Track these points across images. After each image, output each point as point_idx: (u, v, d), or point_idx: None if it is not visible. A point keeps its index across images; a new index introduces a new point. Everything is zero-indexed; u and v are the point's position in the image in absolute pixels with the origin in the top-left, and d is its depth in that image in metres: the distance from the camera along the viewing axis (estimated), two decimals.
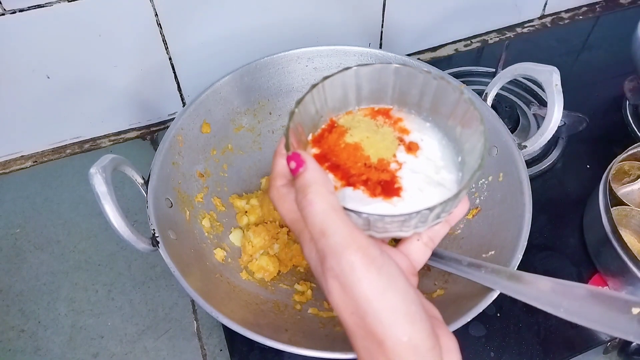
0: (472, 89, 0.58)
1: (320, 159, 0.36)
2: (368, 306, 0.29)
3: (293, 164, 0.32)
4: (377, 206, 0.33)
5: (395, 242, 0.38)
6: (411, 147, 0.37)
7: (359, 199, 0.34)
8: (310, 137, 0.37)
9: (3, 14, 0.56)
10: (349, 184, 0.34)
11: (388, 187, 0.34)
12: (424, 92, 0.37)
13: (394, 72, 0.37)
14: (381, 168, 0.35)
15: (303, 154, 0.32)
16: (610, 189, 0.57)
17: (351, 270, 0.29)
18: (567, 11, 0.93)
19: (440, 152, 0.37)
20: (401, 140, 0.37)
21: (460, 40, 0.88)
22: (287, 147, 0.33)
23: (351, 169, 0.35)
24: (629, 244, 0.54)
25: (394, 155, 0.36)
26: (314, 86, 0.35)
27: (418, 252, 0.36)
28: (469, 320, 0.42)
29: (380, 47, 0.82)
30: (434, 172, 0.36)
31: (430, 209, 0.31)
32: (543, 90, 0.52)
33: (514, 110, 0.69)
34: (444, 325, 0.33)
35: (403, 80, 0.37)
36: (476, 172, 0.32)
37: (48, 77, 0.64)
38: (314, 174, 0.31)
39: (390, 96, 0.39)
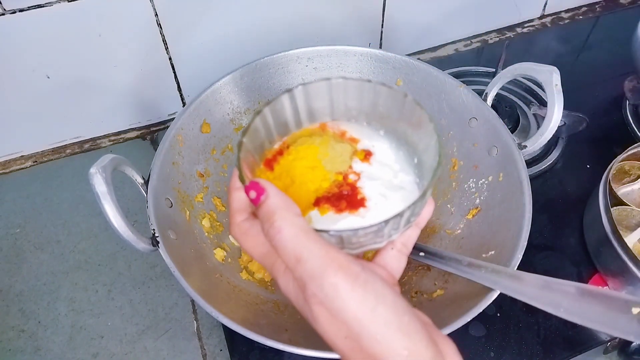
0: (472, 89, 0.58)
1: (277, 183, 0.35)
2: (360, 327, 0.27)
3: (253, 194, 0.30)
4: (346, 222, 0.33)
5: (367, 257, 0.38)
6: (364, 155, 0.36)
7: (325, 220, 0.33)
8: (262, 165, 0.37)
9: (3, 14, 0.56)
10: (312, 206, 0.34)
11: (352, 200, 0.34)
12: (366, 101, 0.37)
13: (333, 87, 0.36)
14: (341, 181, 0.35)
15: (261, 181, 0.30)
16: (610, 189, 0.57)
17: (335, 292, 0.27)
18: (567, 11, 0.93)
19: (393, 155, 0.37)
20: (354, 150, 0.37)
21: (460, 40, 0.88)
22: (242, 179, 0.31)
23: (311, 187, 0.34)
24: (629, 244, 0.54)
25: (350, 167, 0.35)
26: (257, 113, 0.34)
27: (394, 260, 0.35)
28: (469, 320, 0.42)
29: (380, 47, 0.82)
30: (392, 176, 0.35)
31: (401, 214, 0.30)
32: (543, 90, 0.52)
33: (514, 110, 0.69)
34: (437, 330, 0.32)
35: (343, 93, 0.37)
36: (437, 170, 0.32)
37: (48, 77, 0.64)
38: (277, 200, 0.30)
39: (333, 111, 0.38)
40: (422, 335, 0.28)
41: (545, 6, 0.90)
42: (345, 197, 0.34)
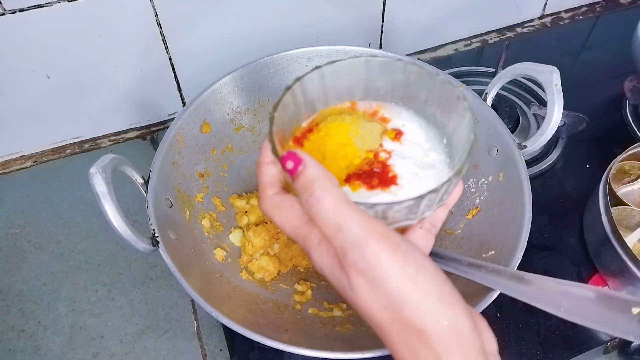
0: (472, 89, 0.58)
1: None
2: (402, 296, 0.27)
3: (290, 164, 0.30)
4: (378, 198, 0.33)
5: None
6: (395, 134, 0.36)
7: (357, 196, 0.33)
8: (290, 142, 0.37)
9: (3, 14, 0.56)
10: (344, 182, 0.34)
11: (383, 177, 0.34)
12: (397, 81, 0.37)
13: (364, 64, 0.36)
14: (372, 159, 0.35)
15: (299, 152, 0.30)
16: (610, 189, 0.57)
17: (378, 261, 0.27)
18: (567, 11, 0.93)
19: (424, 134, 0.37)
20: (384, 129, 0.37)
21: (460, 40, 0.88)
22: (275, 152, 0.31)
23: (342, 164, 0.35)
24: (629, 244, 0.54)
25: (381, 145, 0.36)
26: (288, 88, 0.35)
27: (422, 239, 0.35)
28: None
29: (380, 47, 0.82)
30: (423, 155, 0.36)
31: (437, 190, 0.30)
32: (543, 90, 0.52)
33: (514, 110, 0.69)
34: (470, 305, 0.31)
35: (373, 72, 0.37)
36: (473, 147, 0.32)
37: (48, 77, 0.64)
38: (316, 170, 0.30)
39: (362, 89, 0.38)
40: (463, 306, 0.28)
41: (545, 6, 0.90)
42: (377, 175, 0.34)
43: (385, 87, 0.38)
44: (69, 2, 0.58)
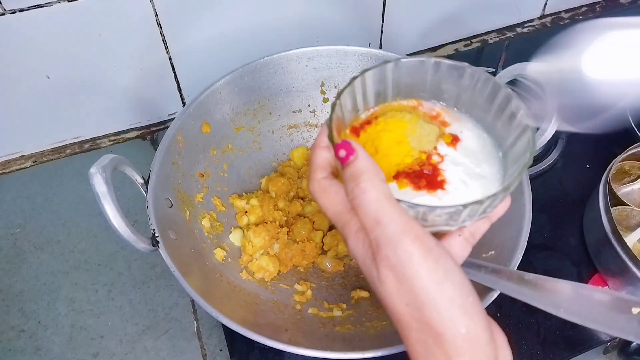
0: None
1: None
2: (426, 297, 0.28)
3: (343, 152, 0.31)
4: (422, 199, 0.33)
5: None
6: (451, 140, 0.36)
7: (402, 194, 0.34)
8: (348, 130, 0.37)
9: (3, 14, 0.56)
10: (392, 179, 0.34)
11: (432, 180, 0.34)
12: (463, 86, 0.37)
13: (432, 66, 0.37)
14: (424, 160, 0.35)
15: (353, 142, 0.31)
16: (610, 189, 0.57)
17: (409, 260, 0.28)
18: (567, 11, 0.93)
19: (480, 144, 0.37)
20: (441, 132, 0.37)
21: (460, 40, 0.88)
22: (331, 138, 0.32)
23: (393, 160, 0.35)
24: (629, 244, 0.54)
25: (435, 148, 0.36)
26: (354, 78, 0.35)
27: (459, 247, 0.35)
28: None
29: (380, 47, 0.82)
30: (475, 165, 0.35)
31: (480, 202, 0.31)
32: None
33: None
34: (493, 321, 0.32)
35: (441, 74, 0.37)
36: (525, 166, 0.32)
37: (48, 77, 0.64)
38: (366, 162, 0.31)
39: (427, 90, 0.38)
40: (482, 318, 0.29)
41: (545, 6, 0.90)
42: (426, 176, 0.34)
43: (450, 91, 0.38)
44: (69, 2, 0.58)
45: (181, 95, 0.74)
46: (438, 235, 0.36)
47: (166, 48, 0.67)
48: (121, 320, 0.58)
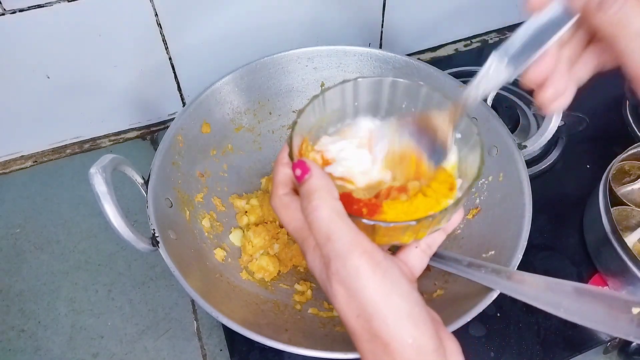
0: None
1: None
2: (374, 309, 0.29)
3: (298, 171, 0.32)
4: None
5: (392, 251, 0.39)
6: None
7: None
8: (312, 149, 0.38)
9: (3, 14, 0.56)
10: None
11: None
12: (417, 103, 0.39)
13: (390, 84, 0.38)
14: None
15: (308, 161, 0.33)
16: (610, 189, 0.57)
17: (357, 274, 0.29)
18: None
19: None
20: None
21: (460, 40, 0.88)
22: (291, 156, 0.34)
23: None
24: (629, 244, 0.54)
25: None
26: (315, 97, 0.36)
27: (416, 259, 0.37)
28: (469, 320, 0.42)
29: (380, 47, 0.82)
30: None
31: (432, 217, 0.32)
32: None
33: (514, 110, 0.69)
34: (445, 328, 0.34)
35: (397, 92, 0.39)
36: (475, 181, 0.33)
37: (48, 77, 0.64)
38: (319, 181, 0.32)
39: (384, 108, 0.40)
40: (429, 328, 0.30)
41: None
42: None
43: (407, 109, 0.40)
44: (69, 2, 0.58)
45: (181, 95, 0.74)
46: (397, 248, 0.38)
47: (166, 48, 0.67)
48: (121, 320, 0.58)
